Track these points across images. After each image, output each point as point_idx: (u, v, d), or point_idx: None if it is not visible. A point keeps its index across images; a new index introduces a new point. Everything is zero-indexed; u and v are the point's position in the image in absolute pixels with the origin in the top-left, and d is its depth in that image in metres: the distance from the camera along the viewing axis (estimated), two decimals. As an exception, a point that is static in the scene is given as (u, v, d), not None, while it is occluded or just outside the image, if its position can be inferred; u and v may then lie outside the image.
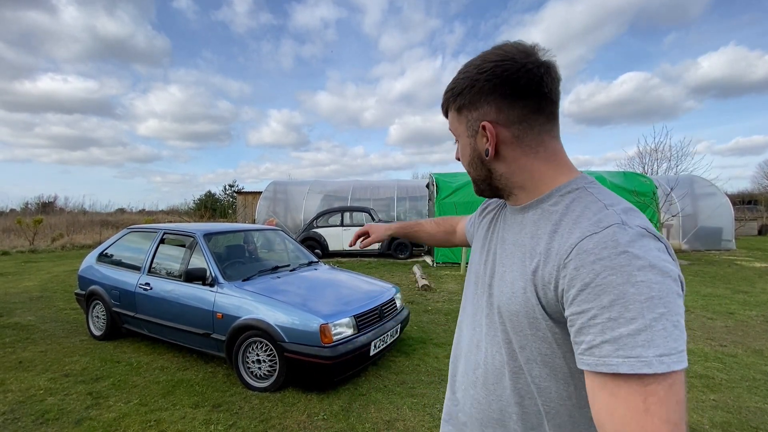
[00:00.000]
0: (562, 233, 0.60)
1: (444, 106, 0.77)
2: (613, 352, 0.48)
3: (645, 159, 17.21)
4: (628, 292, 0.49)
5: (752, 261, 9.49)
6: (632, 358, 0.47)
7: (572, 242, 0.56)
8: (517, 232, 0.71)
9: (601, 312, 0.50)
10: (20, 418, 2.61)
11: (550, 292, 0.59)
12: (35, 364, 3.50)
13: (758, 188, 30.92)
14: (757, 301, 5.55)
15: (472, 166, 0.75)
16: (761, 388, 2.94)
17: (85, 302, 4.29)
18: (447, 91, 0.75)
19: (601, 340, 0.50)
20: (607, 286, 0.50)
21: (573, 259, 0.55)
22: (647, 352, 0.47)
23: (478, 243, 0.86)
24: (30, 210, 26.76)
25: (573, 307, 0.54)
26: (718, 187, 12.09)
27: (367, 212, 10.72)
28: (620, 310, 0.49)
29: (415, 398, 2.87)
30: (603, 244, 0.53)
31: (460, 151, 0.78)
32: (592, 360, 0.50)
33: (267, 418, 2.59)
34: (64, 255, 12.03)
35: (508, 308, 0.66)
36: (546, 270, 0.60)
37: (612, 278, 0.50)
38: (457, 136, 0.77)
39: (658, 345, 0.47)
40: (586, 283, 0.52)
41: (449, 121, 0.78)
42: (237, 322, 3.03)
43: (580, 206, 0.62)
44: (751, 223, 18.09)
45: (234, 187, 32.68)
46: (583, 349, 0.52)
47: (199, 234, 3.69)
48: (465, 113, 0.72)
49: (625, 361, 0.47)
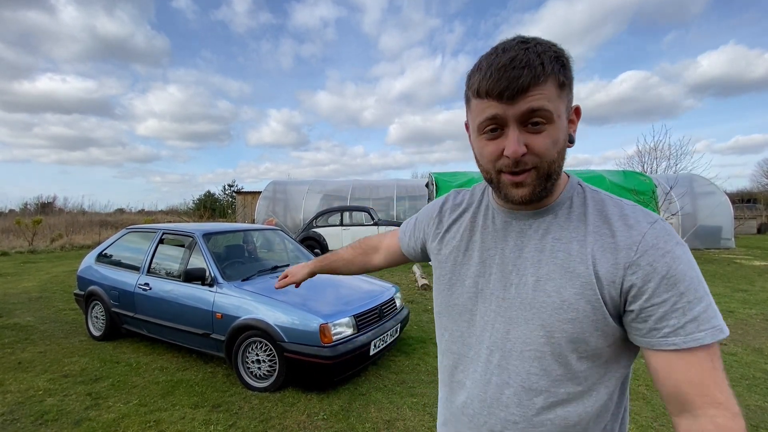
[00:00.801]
0: (610, 233, 0.64)
1: (541, 75, 0.58)
2: (696, 328, 0.58)
3: (644, 158, 17.20)
4: (693, 277, 0.59)
5: (752, 259, 9.50)
6: (711, 329, 0.58)
7: (635, 240, 0.62)
8: (539, 239, 0.68)
9: (680, 298, 0.58)
10: (19, 419, 2.60)
11: (613, 292, 0.62)
12: (34, 364, 3.49)
13: (757, 187, 31.00)
14: (756, 299, 5.55)
15: (561, 156, 0.64)
16: (761, 387, 2.94)
17: (84, 303, 4.28)
18: (555, 58, 0.60)
19: (684, 321, 0.58)
20: (680, 275, 0.59)
21: (643, 255, 0.60)
22: (717, 322, 0.58)
23: (453, 257, 0.79)
24: (29, 210, 26.72)
25: (653, 299, 0.59)
26: (718, 185, 12.10)
27: (367, 212, 10.71)
28: (693, 293, 0.58)
29: (415, 398, 2.86)
30: (664, 239, 0.61)
31: (550, 135, 0.61)
32: (680, 339, 0.58)
33: (267, 418, 2.59)
34: (63, 255, 12.02)
35: (552, 317, 0.64)
36: (603, 270, 0.62)
37: (681, 267, 0.59)
38: (555, 116, 0.60)
39: (717, 314, 0.59)
40: (663, 275, 0.59)
41: (544, 94, 0.59)
42: (236, 322, 3.03)
43: (608, 205, 0.67)
44: (751, 221, 18.12)
45: (233, 187, 32.68)
46: (667, 332, 0.59)
47: (199, 234, 3.69)
48: (566, 90, 0.62)
49: (706, 333, 0.57)
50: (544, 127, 0.60)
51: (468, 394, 0.75)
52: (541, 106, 0.58)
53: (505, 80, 0.58)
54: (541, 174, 0.62)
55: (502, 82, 0.58)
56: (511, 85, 0.58)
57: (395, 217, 12.60)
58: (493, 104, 0.60)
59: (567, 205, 0.69)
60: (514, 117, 0.59)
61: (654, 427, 2.44)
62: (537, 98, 0.58)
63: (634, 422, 2.50)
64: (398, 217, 12.66)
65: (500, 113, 0.60)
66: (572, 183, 0.71)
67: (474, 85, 0.63)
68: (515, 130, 0.60)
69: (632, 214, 0.64)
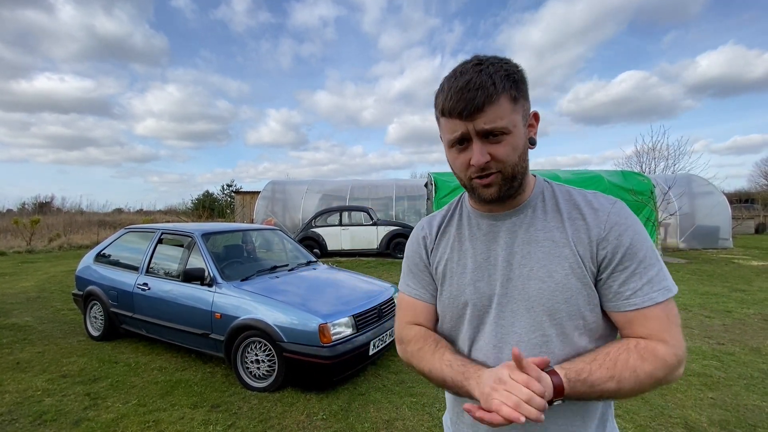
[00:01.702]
0: (581, 216, 0.75)
1: (493, 95, 0.66)
2: (651, 289, 0.69)
3: (643, 158, 17.24)
4: (648, 247, 0.71)
5: (749, 259, 9.53)
6: (662, 289, 0.70)
7: (602, 219, 0.73)
8: (523, 233, 0.77)
9: (638, 265, 0.70)
10: (18, 419, 2.60)
11: (593, 265, 0.73)
12: (33, 365, 3.48)
13: (755, 187, 31.11)
14: (754, 299, 5.57)
15: (522, 159, 0.73)
16: (759, 386, 2.95)
17: (82, 303, 4.28)
18: (506, 77, 0.68)
19: (641, 284, 0.70)
20: (638, 245, 0.71)
21: (610, 231, 0.72)
22: (667, 283, 0.71)
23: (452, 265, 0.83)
24: (27, 210, 26.65)
25: (618, 267, 0.71)
26: (716, 185, 12.14)
27: (366, 212, 10.71)
28: (648, 260, 0.70)
29: (414, 397, 2.87)
30: (624, 216, 0.73)
31: (509, 143, 0.70)
32: (639, 299, 0.69)
33: (266, 418, 2.59)
34: (62, 255, 11.99)
35: (549, 299, 0.73)
36: (581, 248, 0.73)
37: (639, 239, 0.71)
38: (510, 128, 0.69)
39: (667, 277, 0.72)
40: (627, 246, 0.71)
41: (497, 113, 0.67)
42: (235, 322, 3.03)
43: (573, 194, 0.79)
44: (748, 221, 18.17)
45: (232, 187, 32.62)
46: (629, 295, 0.70)
47: (198, 234, 3.68)
48: (521, 102, 0.71)
49: (659, 292, 0.69)
50: (503, 137, 0.69)
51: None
52: (494, 127, 0.68)
53: (462, 101, 0.67)
54: (506, 176, 0.72)
55: (460, 103, 0.67)
56: (468, 106, 0.67)
57: (394, 217, 12.59)
58: (457, 122, 0.70)
59: (540, 199, 0.79)
60: (475, 132, 0.69)
61: (652, 426, 2.45)
62: (491, 117, 0.67)
63: (632, 421, 2.51)
64: (397, 217, 12.66)
65: (464, 130, 0.70)
66: (539, 181, 0.82)
67: (440, 106, 0.73)
68: (478, 143, 0.70)
69: (595, 199, 0.77)
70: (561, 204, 0.77)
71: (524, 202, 0.79)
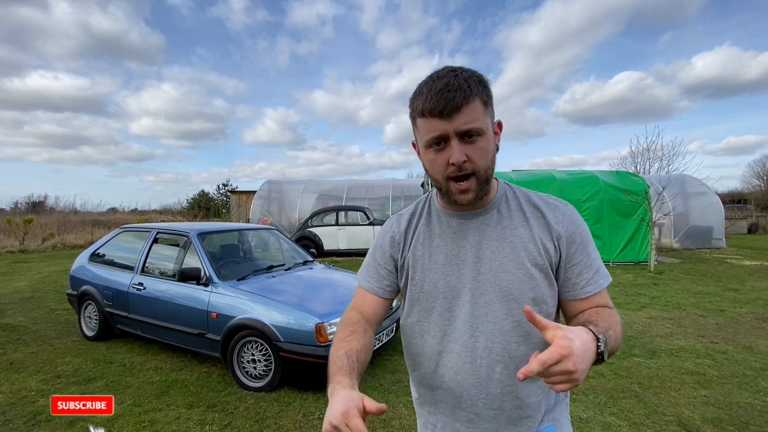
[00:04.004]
0: (541, 215, 0.84)
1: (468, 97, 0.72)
2: (599, 277, 0.82)
3: (637, 158, 17.35)
4: (592, 243, 0.84)
5: (742, 259, 9.63)
6: (605, 276, 0.84)
7: (559, 219, 0.83)
8: (491, 230, 0.84)
9: (587, 257, 0.82)
10: (12, 419, 2.58)
11: (554, 257, 0.82)
12: (26, 365, 3.45)
13: (748, 187, 31.42)
14: (746, 298, 5.63)
15: (493, 162, 0.79)
16: (751, 384, 2.98)
17: (77, 302, 4.24)
18: (478, 82, 0.74)
19: (592, 273, 0.82)
20: (586, 241, 0.83)
21: (566, 228, 0.83)
22: (606, 271, 0.85)
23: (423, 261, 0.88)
24: (20, 209, 26.38)
25: (574, 260, 0.82)
26: (709, 186, 12.24)
27: (362, 211, 10.71)
28: (594, 253, 0.83)
29: (411, 397, 2.87)
30: (575, 215, 0.85)
31: (481, 146, 0.75)
32: (591, 287, 0.81)
33: (262, 418, 2.58)
34: (55, 255, 11.88)
35: (518, 288, 0.80)
36: (546, 243, 0.82)
37: (587, 235, 0.84)
38: (483, 130, 0.75)
39: (603, 265, 0.85)
40: (579, 242, 0.82)
41: (471, 114, 0.73)
42: (232, 322, 3.02)
43: (531, 197, 0.88)
44: (741, 221, 18.36)
45: (228, 187, 32.46)
46: (583, 284, 0.81)
47: (193, 233, 3.67)
48: (490, 108, 0.77)
49: (604, 279, 0.83)
50: (477, 139, 0.75)
51: (458, 385, 0.84)
52: (471, 128, 0.73)
53: (443, 101, 0.72)
54: (480, 179, 0.77)
55: (441, 103, 0.72)
56: (448, 105, 0.72)
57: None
58: (436, 121, 0.74)
59: (504, 200, 0.87)
60: (454, 131, 0.73)
61: (646, 424, 2.48)
62: (468, 117, 0.73)
63: (627, 419, 2.53)
64: (394, 217, 12.65)
65: (443, 130, 0.74)
66: (501, 184, 0.89)
67: (418, 107, 0.76)
68: (457, 142, 0.74)
69: (551, 200, 0.87)
70: (523, 204, 0.86)
71: (490, 203, 0.86)
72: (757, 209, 22.56)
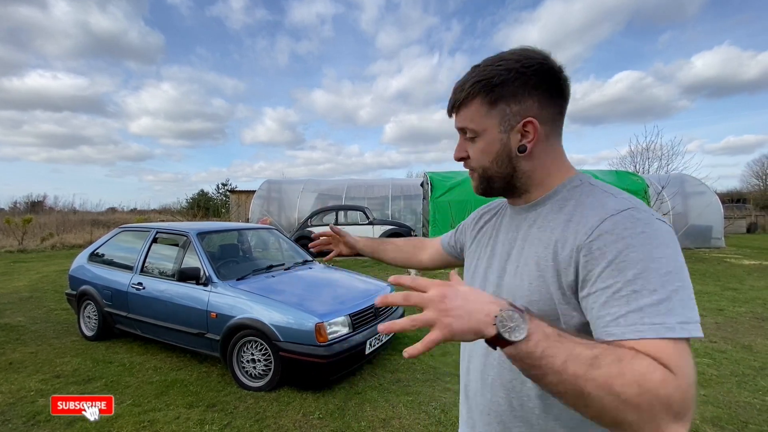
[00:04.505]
0: (578, 220, 0.65)
1: (463, 98, 0.72)
2: (639, 320, 0.52)
3: (636, 158, 17.41)
4: (649, 267, 0.54)
5: (741, 258, 9.64)
6: (657, 324, 0.51)
7: (592, 225, 0.61)
8: (526, 229, 0.75)
9: (626, 285, 0.54)
10: (11, 419, 2.57)
11: (569, 276, 0.62)
12: (26, 365, 3.45)
13: (747, 187, 31.48)
14: (745, 297, 5.64)
15: (497, 163, 0.73)
16: (750, 383, 2.99)
17: (76, 302, 4.24)
18: (477, 82, 0.70)
19: (626, 310, 0.53)
20: (630, 261, 0.55)
21: (595, 240, 0.60)
22: (670, 320, 0.51)
23: (478, 253, 0.87)
24: (19, 209, 26.35)
25: (598, 284, 0.57)
26: (708, 185, 12.26)
27: (362, 211, 10.70)
28: (643, 283, 0.53)
29: (411, 396, 2.87)
30: (623, 225, 0.58)
31: (479, 146, 0.74)
32: (619, 330, 0.53)
33: (262, 418, 2.58)
34: (54, 255, 11.86)
35: (526, 300, 0.68)
36: (564, 254, 0.64)
37: (634, 254, 0.55)
38: (479, 131, 0.72)
39: (678, 313, 0.52)
40: (610, 260, 0.57)
41: (467, 115, 0.73)
42: (231, 322, 3.02)
43: (591, 197, 0.68)
44: (740, 221, 18.39)
45: (227, 186, 32.43)
46: (608, 321, 0.55)
47: (193, 233, 3.66)
48: (501, 106, 0.70)
49: (650, 327, 0.51)
50: (475, 138, 0.74)
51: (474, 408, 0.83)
52: (464, 127, 0.74)
53: (450, 100, 0.75)
54: (482, 175, 0.76)
55: (449, 101, 0.76)
56: (449, 105, 0.76)
57: (390, 217, 12.60)
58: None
59: (557, 198, 0.73)
60: (456, 127, 0.77)
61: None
62: (462, 118, 0.74)
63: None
64: (393, 217, 12.66)
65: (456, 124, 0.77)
66: (570, 179, 0.73)
67: None
68: (460, 139, 0.77)
69: (608, 201, 0.64)
70: (570, 204, 0.69)
71: (538, 199, 0.75)
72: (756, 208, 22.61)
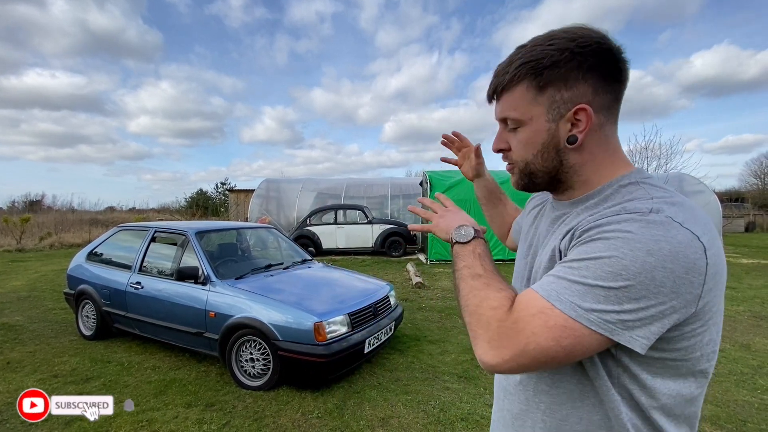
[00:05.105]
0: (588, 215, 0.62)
1: (507, 82, 0.63)
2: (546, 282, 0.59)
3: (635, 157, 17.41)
4: (599, 264, 0.52)
5: (739, 257, 9.66)
6: (547, 289, 0.57)
7: (591, 219, 0.59)
8: (560, 226, 0.68)
9: (564, 264, 0.57)
10: (8, 419, 2.57)
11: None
12: (23, 364, 3.44)
13: (745, 186, 31.50)
14: (744, 296, 5.65)
15: (542, 156, 0.65)
16: (748, 382, 3.00)
17: (74, 302, 4.23)
18: (524, 63, 0.61)
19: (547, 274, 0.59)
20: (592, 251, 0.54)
21: (586, 223, 0.59)
22: (554, 290, 0.56)
23: (522, 242, 0.82)
24: (17, 208, 26.31)
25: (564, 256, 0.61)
26: (707, 184, 12.28)
27: (361, 210, 10.70)
28: (576, 268, 0.55)
29: (410, 395, 2.87)
30: (621, 226, 0.53)
31: (522, 137, 0.65)
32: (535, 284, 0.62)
33: (261, 417, 2.58)
34: (53, 254, 11.84)
35: None
36: (562, 245, 0.63)
37: (613, 242, 0.53)
38: (524, 120, 0.64)
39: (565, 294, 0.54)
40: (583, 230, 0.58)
41: (510, 102, 0.64)
42: (230, 321, 3.01)
43: (630, 195, 0.60)
44: (738, 220, 18.44)
45: (226, 185, 32.39)
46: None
47: (191, 232, 3.65)
48: (551, 92, 0.61)
49: (540, 287, 0.59)
50: (518, 129, 0.66)
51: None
52: (506, 116, 0.66)
53: (491, 86, 0.67)
54: (521, 170, 0.69)
55: (489, 87, 0.68)
56: (489, 90, 0.68)
57: (389, 216, 12.59)
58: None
59: (600, 197, 0.64)
60: (497, 118, 0.69)
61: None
62: (504, 105, 0.66)
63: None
64: (392, 216, 12.65)
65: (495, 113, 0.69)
66: (621, 177, 0.64)
67: None
68: (499, 129, 0.70)
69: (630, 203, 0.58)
70: (607, 203, 0.63)
71: (580, 197, 0.67)
72: (754, 208, 22.66)
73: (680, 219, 0.52)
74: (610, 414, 0.59)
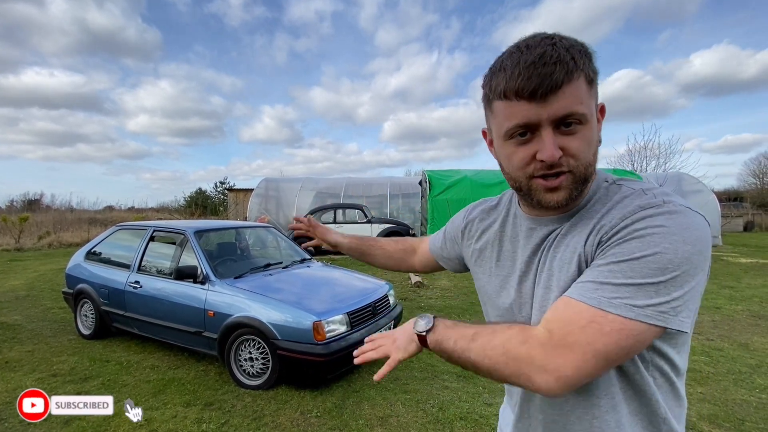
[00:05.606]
0: (606, 215, 0.61)
1: (568, 72, 0.54)
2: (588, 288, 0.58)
3: (634, 156, 17.47)
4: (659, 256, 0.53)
5: (738, 257, 9.68)
6: (601, 297, 0.56)
7: (616, 218, 0.58)
8: (558, 242, 0.66)
9: (613, 263, 0.56)
10: (7, 418, 2.56)
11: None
12: (22, 364, 3.43)
13: (744, 185, 31.55)
14: (742, 295, 5.66)
15: (596, 157, 0.61)
16: (746, 381, 3.00)
17: (73, 301, 4.22)
18: (582, 53, 0.56)
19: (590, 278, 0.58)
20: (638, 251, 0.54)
21: (614, 223, 0.58)
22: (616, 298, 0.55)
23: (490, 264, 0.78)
24: (15, 207, 26.27)
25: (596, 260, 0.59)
26: (705, 184, 12.32)
27: (360, 209, 10.70)
28: (632, 270, 0.54)
29: (408, 394, 2.88)
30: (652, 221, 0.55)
31: (584, 136, 0.58)
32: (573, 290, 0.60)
33: (260, 416, 2.58)
34: (51, 253, 11.82)
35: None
36: (587, 251, 0.61)
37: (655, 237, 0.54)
38: (583, 117, 0.57)
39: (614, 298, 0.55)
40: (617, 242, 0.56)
41: (575, 95, 0.55)
42: (229, 320, 3.01)
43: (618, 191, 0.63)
44: (737, 219, 18.47)
45: (225, 184, 32.37)
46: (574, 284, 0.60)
47: (190, 231, 3.65)
48: (595, 88, 0.59)
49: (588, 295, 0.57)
50: (578, 128, 0.57)
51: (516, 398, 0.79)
52: (572, 112, 0.55)
53: (536, 77, 0.54)
54: (578, 178, 0.59)
55: (533, 80, 0.54)
56: (543, 83, 0.54)
57: (388, 215, 12.60)
58: (523, 106, 0.56)
59: (590, 205, 0.64)
60: (548, 119, 0.56)
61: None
62: (569, 99, 0.55)
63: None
64: (391, 215, 12.66)
65: (533, 116, 0.56)
66: (598, 181, 0.66)
67: (499, 87, 0.58)
68: (550, 133, 0.56)
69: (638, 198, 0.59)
70: (602, 209, 0.62)
71: (573, 208, 0.65)
72: (753, 207, 22.70)
73: (685, 204, 0.57)
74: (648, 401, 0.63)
